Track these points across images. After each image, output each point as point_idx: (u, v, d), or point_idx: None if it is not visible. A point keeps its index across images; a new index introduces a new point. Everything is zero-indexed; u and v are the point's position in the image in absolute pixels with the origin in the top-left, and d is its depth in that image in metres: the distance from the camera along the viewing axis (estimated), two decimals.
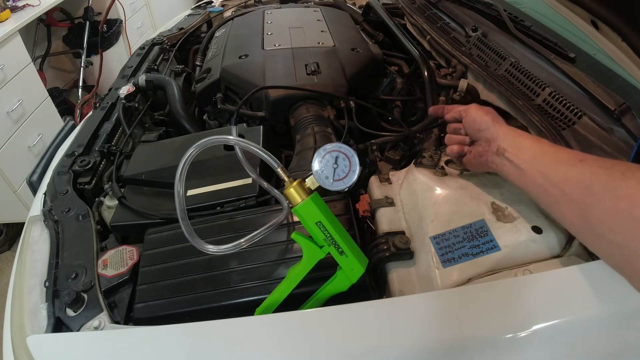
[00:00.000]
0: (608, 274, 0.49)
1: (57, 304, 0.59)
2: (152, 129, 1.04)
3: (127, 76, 1.18)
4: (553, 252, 0.55)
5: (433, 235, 0.58)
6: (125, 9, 2.92)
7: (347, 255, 0.50)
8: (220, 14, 1.61)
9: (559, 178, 0.45)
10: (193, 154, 0.50)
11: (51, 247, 0.69)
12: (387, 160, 0.86)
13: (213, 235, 0.64)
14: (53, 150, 1.00)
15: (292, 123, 0.92)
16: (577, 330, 0.46)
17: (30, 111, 2.09)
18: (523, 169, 0.50)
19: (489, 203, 0.59)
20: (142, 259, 0.64)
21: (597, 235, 0.41)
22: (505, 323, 0.46)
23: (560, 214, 0.46)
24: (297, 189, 0.50)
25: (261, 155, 0.51)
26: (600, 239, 0.41)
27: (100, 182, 0.85)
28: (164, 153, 0.83)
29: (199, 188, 0.74)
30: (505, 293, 0.48)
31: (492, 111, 0.60)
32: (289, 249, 0.61)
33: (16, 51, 2.03)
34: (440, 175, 0.65)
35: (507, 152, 0.53)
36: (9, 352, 0.55)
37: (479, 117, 0.59)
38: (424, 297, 0.49)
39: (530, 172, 0.49)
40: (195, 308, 0.56)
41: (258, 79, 0.97)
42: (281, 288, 0.53)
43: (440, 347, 0.45)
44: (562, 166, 0.46)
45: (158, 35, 1.42)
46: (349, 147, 0.50)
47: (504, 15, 1.00)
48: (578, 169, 0.44)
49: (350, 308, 0.48)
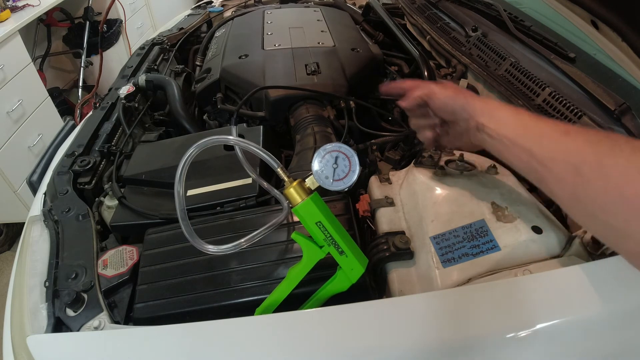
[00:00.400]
0: (608, 274, 0.49)
1: (57, 304, 0.59)
2: (152, 129, 1.04)
3: (127, 76, 1.18)
4: (553, 252, 0.54)
5: (433, 235, 0.58)
6: (125, 9, 2.93)
7: (347, 255, 0.50)
8: (220, 14, 1.61)
9: (545, 155, 0.43)
10: (193, 154, 0.50)
11: (51, 247, 0.69)
12: (387, 160, 0.86)
13: (213, 235, 0.64)
14: (53, 150, 1.00)
15: (292, 123, 0.92)
16: (577, 330, 0.46)
17: (30, 111, 2.09)
18: (506, 144, 0.48)
19: (489, 203, 0.59)
20: (142, 259, 0.64)
21: (589, 215, 0.40)
22: (505, 323, 0.46)
23: (550, 191, 0.44)
24: (297, 189, 0.50)
25: (261, 155, 0.51)
26: (593, 219, 0.40)
27: (100, 182, 0.85)
28: (164, 153, 0.83)
29: (199, 188, 0.74)
30: (505, 293, 0.48)
31: (457, 87, 0.57)
32: (289, 249, 0.61)
33: (16, 51, 2.03)
34: (440, 175, 0.65)
35: (487, 128, 0.51)
36: (9, 352, 0.55)
37: (450, 100, 0.55)
38: (424, 297, 0.49)
39: (514, 149, 0.47)
40: (195, 308, 0.56)
41: (258, 79, 0.97)
42: (281, 288, 0.53)
43: (440, 347, 0.45)
44: (547, 141, 0.44)
45: (158, 35, 1.42)
46: (349, 147, 0.50)
47: (504, 15, 1.00)
48: (564, 145, 0.42)
49: (350, 308, 0.48)
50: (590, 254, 0.53)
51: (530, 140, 0.45)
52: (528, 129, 0.46)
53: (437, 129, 0.60)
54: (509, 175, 0.65)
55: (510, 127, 0.48)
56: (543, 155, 0.43)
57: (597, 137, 0.40)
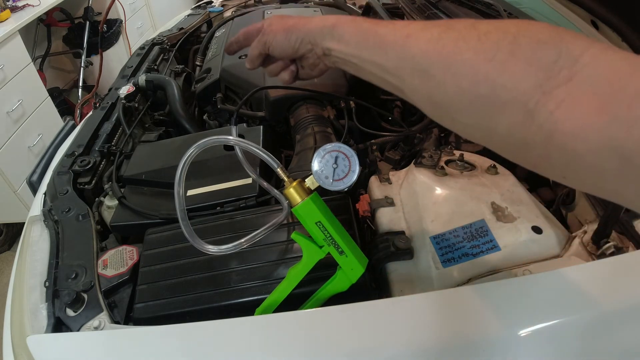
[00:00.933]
0: (608, 274, 0.49)
1: (57, 304, 0.59)
2: (152, 129, 1.04)
3: (127, 76, 1.18)
4: (553, 252, 0.55)
5: (433, 235, 0.58)
6: (125, 9, 2.93)
7: (347, 255, 0.50)
8: (220, 14, 1.61)
9: (394, 65, 0.40)
10: (193, 154, 0.50)
11: (51, 247, 0.69)
12: (387, 160, 0.86)
13: (213, 235, 0.64)
14: (53, 150, 1.00)
15: (292, 123, 0.92)
16: (577, 330, 0.46)
17: (30, 111, 2.09)
18: (355, 63, 0.45)
19: (489, 203, 0.59)
20: (142, 259, 0.64)
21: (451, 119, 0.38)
22: (505, 323, 0.46)
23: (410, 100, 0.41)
24: (297, 189, 0.50)
25: (261, 155, 0.51)
26: (455, 122, 0.37)
27: (100, 182, 0.85)
28: (164, 153, 0.83)
29: (199, 188, 0.74)
30: (505, 293, 0.48)
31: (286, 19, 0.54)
32: (289, 249, 0.61)
33: (16, 51, 2.04)
34: (440, 175, 0.65)
35: (333, 51, 0.47)
36: (9, 352, 0.55)
37: (285, 41, 0.53)
38: (424, 297, 0.49)
39: (365, 65, 0.44)
40: (195, 308, 0.56)
41: (258, 79, 0.97)
42: (281, 288, 0.53)
43: (440, 347, 0.45)
44: (391, 49, 0.40)
45: (158, 35, 1.42)
46: (349, 147, 0.50)
47: (504, 15, 1.00)
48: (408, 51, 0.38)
49: (350, 308, 0.48)
50: (590, 254, 0.53)
51: (376, 53, 0.42)
52: (368, 40, 0.43)
53: (292, 67, 0.58)
54: (509, 175, 0.65)
55: (353, 44, 0.45)
56: (391, 65, 0.40)
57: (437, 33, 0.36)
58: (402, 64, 0.39)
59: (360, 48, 0.43)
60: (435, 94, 0.36)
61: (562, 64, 0.29)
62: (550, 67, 0.30)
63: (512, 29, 0.33)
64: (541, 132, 0.30)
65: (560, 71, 0.29)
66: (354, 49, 0.44)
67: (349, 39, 0.45)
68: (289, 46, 0.53)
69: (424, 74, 0.37)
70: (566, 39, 0.30)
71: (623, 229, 0.54)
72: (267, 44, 0.55)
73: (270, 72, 0.60)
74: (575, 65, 0.29)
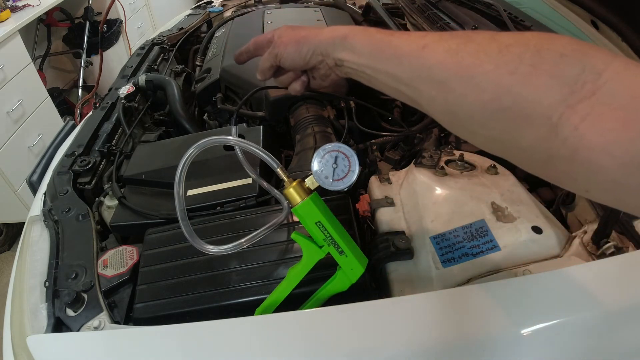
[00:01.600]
0: (608, 274, 0.49)
1: (57, 304, 0.59)
2: (152, 129, 1.04)
3: (127, 76, 1.18)
4: (553, 252, 0.55)
5: (433, 235, 0.58)
6: (125, 9, 2.93)
7: (347, 255, 0.50)
8: (220, 14, 1.61)
9: (409, 75, 0.39)
10: (193, 154, 0.50)
11: (51, 247, 0.69)
12: (387, 160, 0.86)
13: (213, 235, 0.64)
14: (53, 150, 1.00)
15: (292, 123, 0.92)
16: (577, 330, 0.46)
17: (30, 111, 2.09)
18: (368, 73, 0.45)
19: (489, 203, 0.59)
20: (142, 259, 0.64)
21: (470, 131, 0.37)
22: (505, 323, 0.46)
23: (426, 111, 0.41)
24: (297, 189, 0.50)
25: (261, 155, 0.51)
26: (474, 135, 0.37)
27: (100, 182, 0.85)
28: (164, 153, 0.83)
29: (199, 188, 0.74)
30: (505, 293, 0.48)
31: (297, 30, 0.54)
32: (289, 249, 0.61)
33: (16, 51, 2.04)
34: (440, 175, 0.65)
35: (345, 62, 0.47)
36: (9, 352, 0.55)
37: (296, 54, 0.53)
38: (424, 297, 0.49)
39: (379, 76, 0.43)
40: (195, 308, 0.56)
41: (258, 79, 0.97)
42: (281, 288, 0.53)
43: (440, 347, 0.45)
44: (407, 60, 0.39)
45: (158, 35, 1.42)
46: (349, 147, 0.50)
47: (504, 15, 1.00)
48: (425, 62, 0.37)
49: (350, 308, 0.48)
50: (590, 254, 0.53)
51: (390, 64, 0.41)
52: (383, 51, 0.42)
53: (303, 78, 0.58)
54: (509, 175, 0.65)
55: (366, 54, 0.44)
56: (407, 75, 0.40)
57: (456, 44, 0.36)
58: (418, 74, 0.38)
59: (374, 58, 0.43)
60: (454, 106, 0.36)
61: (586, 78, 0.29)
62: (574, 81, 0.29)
63: (533, 41, 0.32)
64: (565, 147, 0.30)
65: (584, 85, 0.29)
66: (366, 60, 0.44)
67: (362, 49, 0.45)
68: (300, 58, 0.53)
69: (442, 86, 0.36)
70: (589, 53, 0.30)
71: (623, 229, 0.54)
72: (279, 56, 0.55)
73: (281, 82, 0.61)
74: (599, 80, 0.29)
